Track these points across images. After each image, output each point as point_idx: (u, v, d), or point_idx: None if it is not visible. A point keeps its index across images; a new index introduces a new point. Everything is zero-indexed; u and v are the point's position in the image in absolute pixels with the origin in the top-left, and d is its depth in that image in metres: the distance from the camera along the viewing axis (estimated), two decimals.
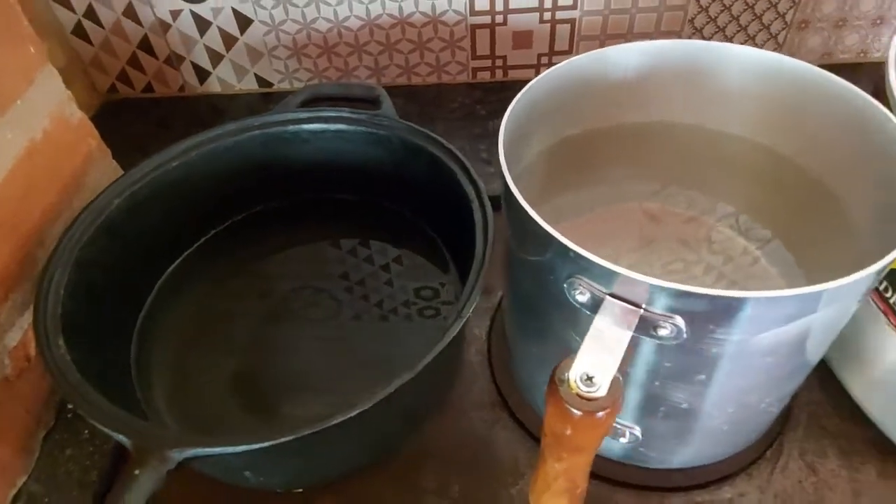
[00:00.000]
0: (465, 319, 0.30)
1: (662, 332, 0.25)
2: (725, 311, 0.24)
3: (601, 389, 0.22)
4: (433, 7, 0.57)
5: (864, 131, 0.30)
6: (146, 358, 0.40)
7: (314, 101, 0.46)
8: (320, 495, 0.36)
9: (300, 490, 0.36)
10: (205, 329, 0.42)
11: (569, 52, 0.61)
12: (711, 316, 0.24)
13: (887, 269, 0.27)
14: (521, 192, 0.29)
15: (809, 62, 0.62)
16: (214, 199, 0.45)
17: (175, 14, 0.59)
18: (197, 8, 0.58)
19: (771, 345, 0.26)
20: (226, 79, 0.64)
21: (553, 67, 0.32)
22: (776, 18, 0.57)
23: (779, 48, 0.59)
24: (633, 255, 0.38)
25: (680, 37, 0.59)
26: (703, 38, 0.59)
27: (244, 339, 0.41)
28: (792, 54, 0.59)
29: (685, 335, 0.25)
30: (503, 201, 0.30)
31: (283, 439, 0.27)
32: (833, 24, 0.58)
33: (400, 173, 0.43)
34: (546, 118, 0.35)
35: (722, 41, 0.59)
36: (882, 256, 0.24)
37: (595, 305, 0.26)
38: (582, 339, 0.24)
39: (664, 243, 0.36)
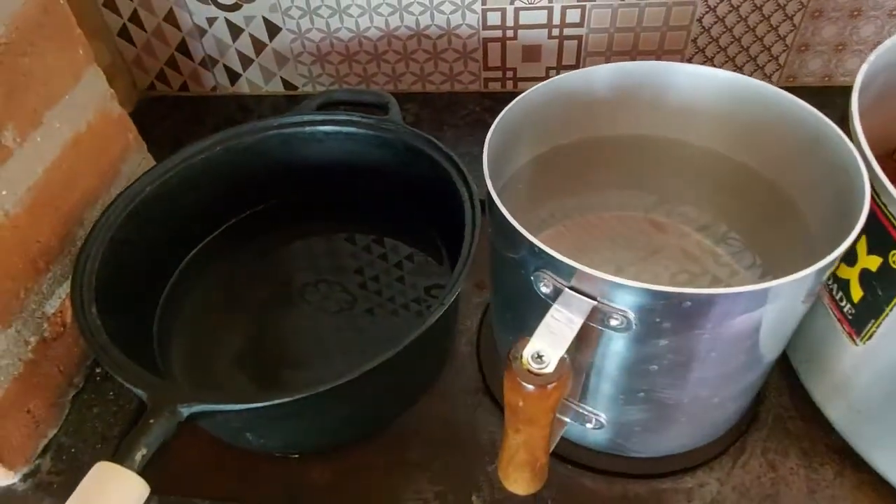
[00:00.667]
0: (446, 307, 0.34)
1: (614, 323, 0.28)
2: (667, 306, 0.27)
3: (549, 367, 0.25)
4: (448, 21, 0.61)
5: (820, 146, 0.33)
6: (167, 330, 0.44)
7: (330, 105, 0.50)
8: (314, 461, 0.39)
9: (296, 455, 0.39)
10: (221, 307, 0.46)
11: (576, 67, 0.64)
12: (657, 310, 0.27)
13: (829, 274, 0.30)
14: (513, 194, 0.31)
15: (810, 84, 0.64)
16: (236, 191, 0.49)
17: (211, 21, 0.63)
18: (231, 16, 0.63)
19: (715, 340, 0.29)
20: (254, 81, 0.68)
21: (539, 84, 0.35)
22: (777, 41, 0.59)
23: (780, 69, 0.61)
24: (634, 266, 0.41)
25: (683, 55, 0.61)
26: (706, 57, 0.61)
27: (256, 319, 0.46)
28: (793, 76, 0.62)
29: (635, 327, 0.28)
30: (486, 201, 0.33)
31: (277, 401, 0.30)
32: (833, 47, 0.59)
33: (403, 174, 0.46)
34: (536, 128, 0.38)
35: (724, 61, 0.62)
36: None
37: (557, 297, 0.29)
38: None
39: (655, 250, 0.39)
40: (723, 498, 0.37)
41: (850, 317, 0.34)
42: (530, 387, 0.25)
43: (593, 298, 0.28)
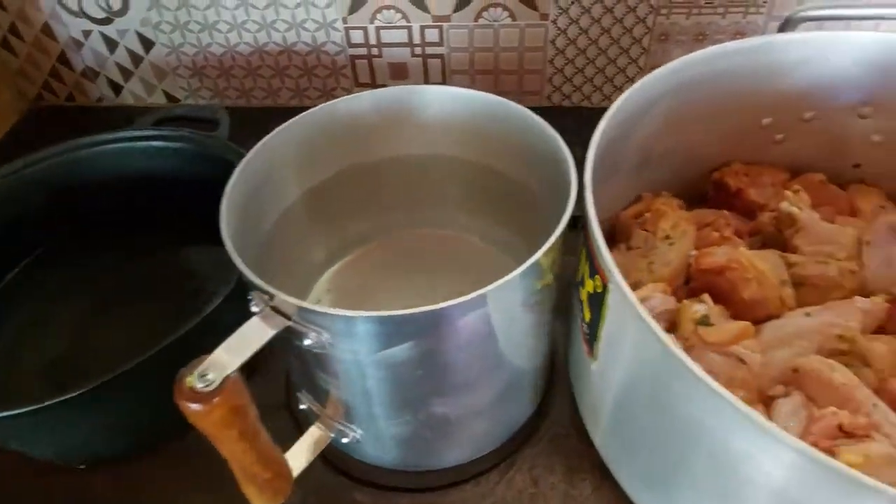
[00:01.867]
0: (203, 314, 0.35)
1: (308, 343, 0.29)
2: (347, 327, 0.28)
3: (213, 385, 0.26)
4: (313, 38, 0.62)
5: (553, 162, 0.34)
6: None
7: (168, 120, 0.52)
8: (99, 473, 0.40)
9: (82, 466, 0.40)
10: (40, 319, 0.47)
11: (443, 84, 0.65)
12: (342, 331, 0.28)
13: (541, 285, 0.31)
14: (300, 220, 0.33)
15: None
16: (68, 203, 0.50)
17: (86, 33, 0.65)
18: (104, 29, 0.64)
19: (413, 357, 0.30)
20: (137, 93, 0.70)
21: (291, 120, 0.37)
22: (630, 63, 0.61)
23: None
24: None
25: (543, 75, 0.63)
26: (565, 77, 0.63)
27: (73, 332, 0.46)
28: None
29: (330, 345, 0.29)
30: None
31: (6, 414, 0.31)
32: None
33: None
34: (304, 160, 0.39)
35: (582, 82, 0.63)
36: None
37: None
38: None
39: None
40: None
41: (587, 335, 0.35)
42: (192, 405, 0.26)
43: (288, 318, 0.29)
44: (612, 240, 0.46)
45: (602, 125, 0.36)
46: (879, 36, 0.40)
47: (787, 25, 0.46)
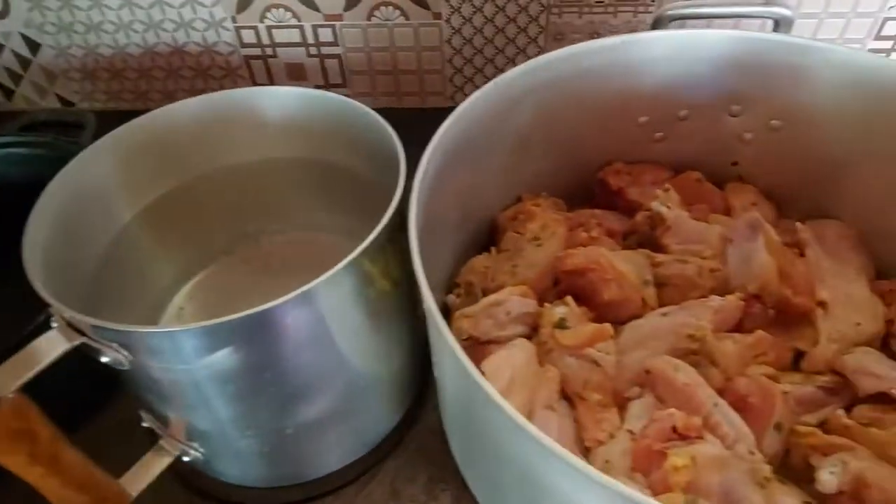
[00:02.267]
0: (32, 327, 0.33)
1: (105, 359, 0.27)
2: (137, 342, 0.26)
3: None
4: (204, 38, 0.61)
5: (377, 137, 0.34)
6: None
7: (35, 125, 0.49)
8: None
9: None
10: None
11: (343, 86, 0.63)
12: (135, 346, 0.27)
13: (377, 286, 0.30)
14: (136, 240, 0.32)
15: None
16: None
17: None
18: None
19: (236, 369, 0.28)
20: (30, 97, 0.67)
21: (104, 137, 0.35)
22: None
23: None
24: None
25: (443, 75, 0.62)
26: (465, 77, 0.62)
27: None
28: None
29: (130, 361, 0.27)
30: None
31: None
32: None
33: None
34: (132, 178, 0.37)
35: (483, 81, 0.62)
36: None
37: None
38: None
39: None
40: None
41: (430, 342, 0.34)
42: None
43: (82, 334, 0.27)
44: (493, 241, 0.45)
45: (445, 126, 0.35)
46: (738, 34, 0.40)
47: (658, 24, 0.45)
